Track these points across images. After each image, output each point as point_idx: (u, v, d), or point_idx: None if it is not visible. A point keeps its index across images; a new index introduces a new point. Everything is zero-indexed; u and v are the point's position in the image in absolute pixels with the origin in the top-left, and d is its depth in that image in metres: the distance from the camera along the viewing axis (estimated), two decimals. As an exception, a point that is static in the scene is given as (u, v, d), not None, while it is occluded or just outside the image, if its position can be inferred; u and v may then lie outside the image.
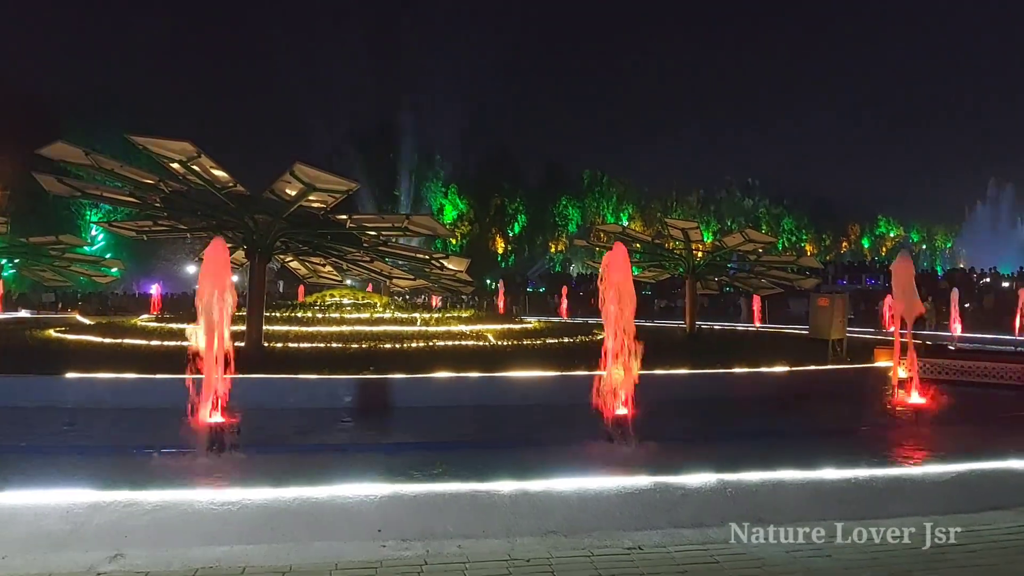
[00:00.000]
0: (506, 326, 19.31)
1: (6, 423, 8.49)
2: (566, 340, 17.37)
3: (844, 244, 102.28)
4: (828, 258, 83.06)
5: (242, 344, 12.50)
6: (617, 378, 7.33)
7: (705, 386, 11.36)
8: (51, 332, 18.77)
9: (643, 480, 5.04)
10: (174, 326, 17.18)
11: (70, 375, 10.02)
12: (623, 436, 7.15)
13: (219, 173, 13.14)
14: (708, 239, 36.27)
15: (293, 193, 13.47)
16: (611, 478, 5.16)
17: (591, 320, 27.13)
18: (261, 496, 4.12)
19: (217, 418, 6.75)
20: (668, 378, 11.06)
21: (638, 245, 25.75)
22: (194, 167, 12.75)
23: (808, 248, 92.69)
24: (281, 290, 43.67)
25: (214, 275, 6.80)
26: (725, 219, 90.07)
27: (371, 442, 8.12)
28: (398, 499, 4.32)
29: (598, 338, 16.30)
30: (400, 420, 9.75)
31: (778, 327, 26.99)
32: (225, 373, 6.89)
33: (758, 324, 28.45)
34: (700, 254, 22.92)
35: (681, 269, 23.20)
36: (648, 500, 4.93)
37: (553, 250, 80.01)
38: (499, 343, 16.23)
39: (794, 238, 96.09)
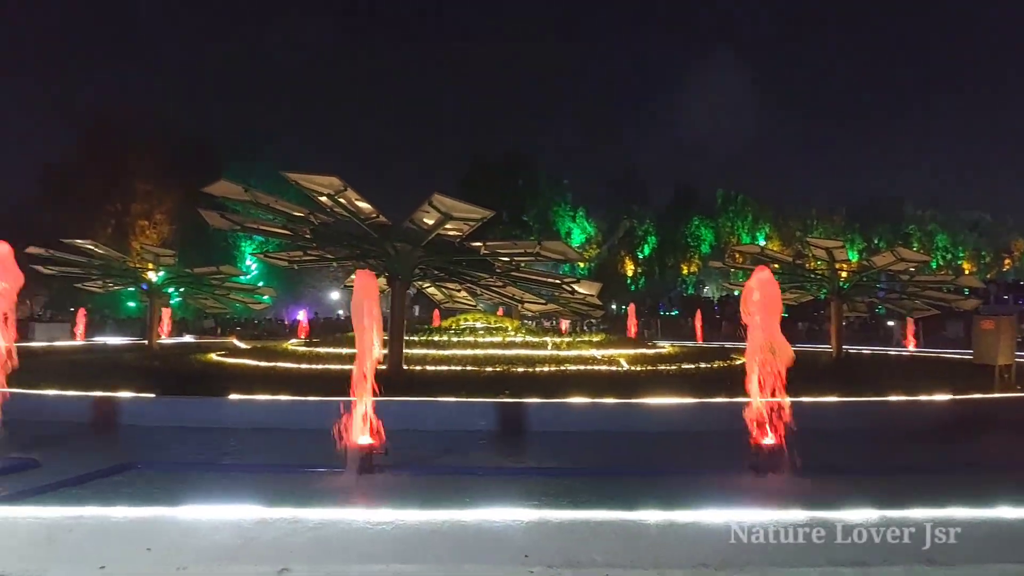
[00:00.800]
0: (639, 351, 19.05)
1: (177, 442, 9.21)
2: (703, 365, 16.92)
3: (1007, 261, 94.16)
4: (988, 276, 76.73)
5: (384, 367, 13.01)
6: (762, 406, 7.05)
7: (857, 415, 10.71)
8: (212, 356, 20.22)
9: (798, 514, 4.80)
10: (321, 350, 18.13)
11: (232, 397, 10.74)
12: (771, 467, 6.86)
13: (363, 205, 13.83)
14: (854, 258, 34.38)
15: (431, 222, 13.96)
16: (763, 511, 4.95)
17: (728, 344, 26.32)
18: (413, 517, 4.25)
19: (366, 439, 7.03)
20: (816, 406, 10.51)
21: (777, 266, 24.80)
22: (340, 200, 13.48)
23: (966, 266, 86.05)
24: (417, 314, 45.13)
25: (363, 303, 7.13)
26: (872, 238, 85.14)
27: (510, 466, 8.19)
28: (544, 525, 4.34)
29: (737, 363, 15.80)
30: (536, 444, 9.79)
31: (934, 351, 25.13)
32: (372, 396, 7.17)
33: (912, 348, 26.62)
34: (845, 274, 21.82)
35: (825, 290, 22.15)
36: (804, 536, 4.69)
37: (685, 272, 78.33)
38: (632, 368, 16.02)
39: (949, 256, 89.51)
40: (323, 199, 13.67)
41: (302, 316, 43.39)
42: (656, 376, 14.72)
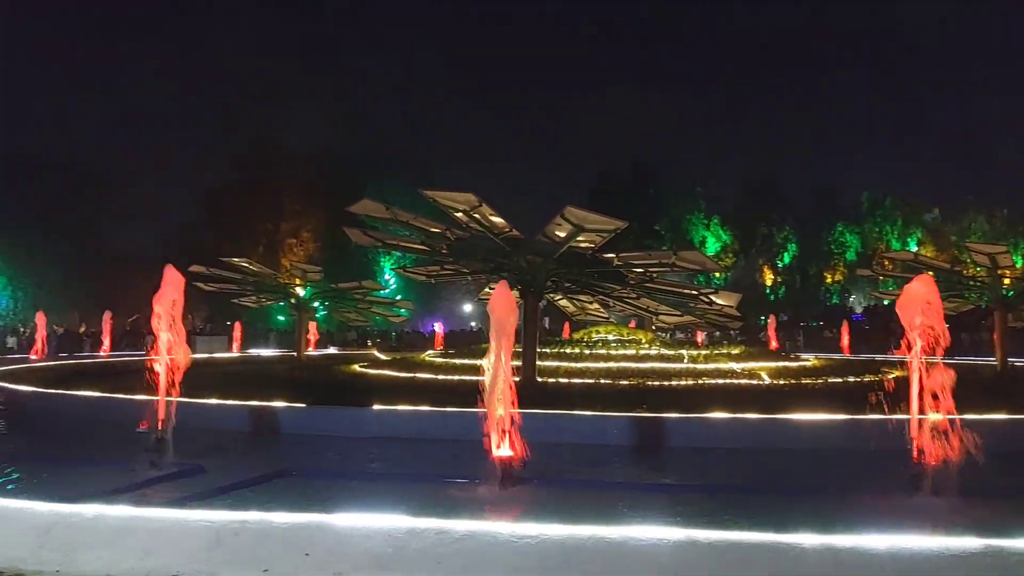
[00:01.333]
0: (781, 364, 18.28)
1: (326, 450, 9.67)
2: (851, 379, 16.03)
3: None
4: None
5: (517, 379, 13.14)
6: (924, 423, 6.57)
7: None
8: (355, 367, 21.13)
9: (972, 542, 4.40)
10: (457, 361, 18.55)
11: (375, 407, 11.17)
12: (935, 489, 6.36)
13: (497, 219, 14.08)
14: (1020, 264, 31.55)
15: (563, 235, 14.01)
16: (929, 537, 4.58)
17: (878, 357, 24.76)
18: (558, 532, 4.25)
19: (505, 451, 7.10)
20: (982, 424, 9.66)
21: (931, 273, 23.14)
22: (475, 215, 13.79)
23: None
24: (547, 326, 45.38)
25: (500, 316, 7.22)
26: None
27: (650, 481, 8.05)
28: (693, 545, 4.21)
29: (890, 376, 14.82)
30: (675, 460, 9.56)
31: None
32: (510, 408, 7.24)
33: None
34: (1009, 281, 20.06)
35: (987, 299, 20.45)
36: (978, 565, 4.30)
37: (829, 281, 74.47)
38: (774, 382, 15.38)
39: None
40: (459, 215, 14.03)
41: (437, 328, 44.65)
42: (800, 390, 14.06)
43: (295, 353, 26.57)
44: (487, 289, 20.69)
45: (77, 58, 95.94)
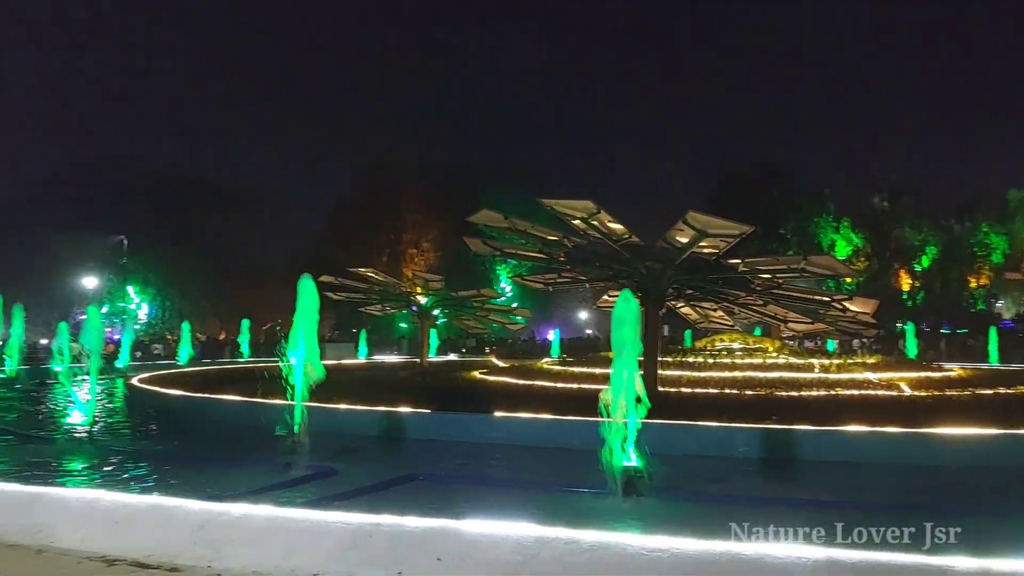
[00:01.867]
0: (922, 374, 17.17)
1: (450, 455, 9.85)
2: (1002, 391, 14.84)
3: None
4: None
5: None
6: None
7: None
8: (475, 373, 21.47)
9: None
10: (575, 369, 18.49)
11: (497, 414, 11.28)
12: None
13: (615, 226, 13.96)
14: None
15: (685, 240, 13.71)
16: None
17: (1033, 367, 22.82)
18: (691, 547, 4.12)
19: (629, 462, 7.00)
20: None
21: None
22: (593, 222, 13.73)
23: None
24: (666, 334, 44.52)
25: (624, 324, 7.13)
26: None
27: (781, 496, 7.72)
28: (834, 565, 3.98)
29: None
30: (808, 475, 9.14)
31: None
32: (631, 418, 7.12)
33: None
34: None
35: None
36: None
37: (973, 285, 69.29)
38: (915, 393, 14.45)
39: None
40: (576, 222, 14.01)
41: (554, 335, 44.69)
42: (944, 402, 13.15)
43: (418, 359, 27.30)
44: (605, 297, 20.53)
45: (225, 90, 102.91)
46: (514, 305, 44.94)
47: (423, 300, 27.17)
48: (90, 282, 51.21)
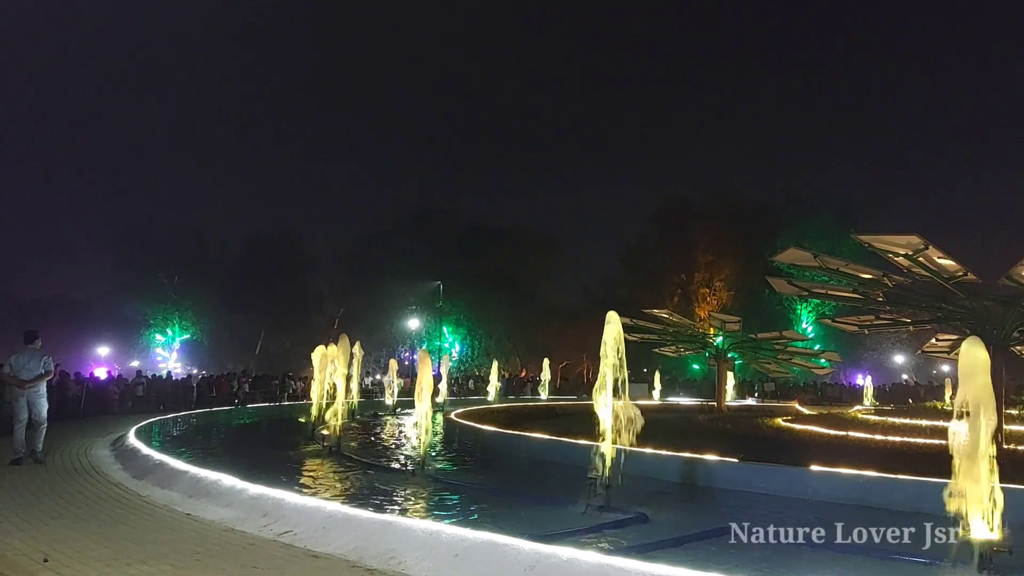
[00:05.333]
0: None
1: (757, 508, 9.32)
2: None
3: None
4: None
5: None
6: None
7: None
8: (779, 420, 20.32)
9: None
10: (896, 420, 16.73)
11: (813, 468, 10.50)
12: None
13: (946, 263, 12.48)
14: None
15: (1035, 277, 11.84)
16: None
17: None
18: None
19: (987, 533, 6.09)
20: None
21: None
22: (920, 259, 12.40)
23: None
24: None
25: (974, 375, 6.29)
26: None
27: None
28: None
29: None
30: None
31: None
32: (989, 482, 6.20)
33: None
34: None
35: None
36: None
37: None
38: None
39: None
40: (899, 259, 12.74)
41: (865, 381, 40.85)
42: None
43: (714, 403, 26.57)
44: (933, 341, 18.33)
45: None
46: (816, 347, 41.92)
47: (719, 341, 26.47)
48: (413, 323, 57.52)
